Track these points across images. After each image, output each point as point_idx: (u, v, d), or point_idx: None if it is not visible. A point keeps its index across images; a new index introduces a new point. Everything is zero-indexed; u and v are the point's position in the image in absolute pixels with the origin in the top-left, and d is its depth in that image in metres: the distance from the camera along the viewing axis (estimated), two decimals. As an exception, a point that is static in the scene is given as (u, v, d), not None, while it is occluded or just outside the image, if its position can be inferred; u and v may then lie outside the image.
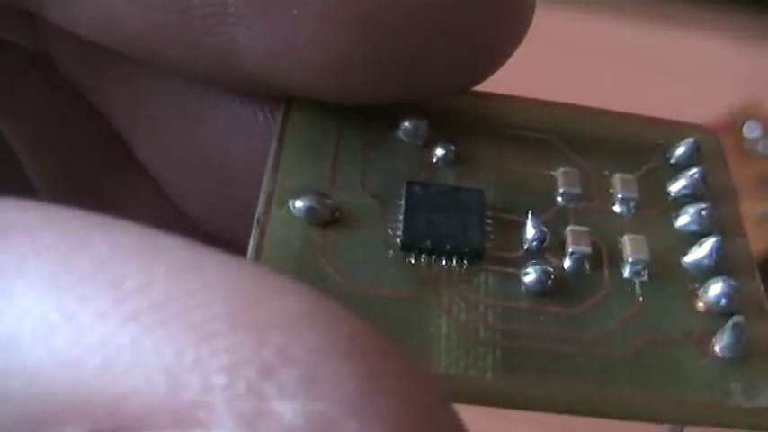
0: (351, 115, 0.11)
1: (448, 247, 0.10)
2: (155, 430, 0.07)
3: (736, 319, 0.10)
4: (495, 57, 0.11)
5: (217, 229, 0.13)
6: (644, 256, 0.11)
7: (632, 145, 0.12)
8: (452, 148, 0.11)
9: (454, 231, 0.10)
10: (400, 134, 0.12)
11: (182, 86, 0.13)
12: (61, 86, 0.14)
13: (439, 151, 0.11)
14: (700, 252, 0.11)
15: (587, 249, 0.11)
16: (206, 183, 0.13)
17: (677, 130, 0.13)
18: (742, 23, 0.38)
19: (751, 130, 0.34)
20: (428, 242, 0.10)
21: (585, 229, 0.11)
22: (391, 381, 0.07)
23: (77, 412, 0.07)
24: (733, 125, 0.34)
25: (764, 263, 0.32)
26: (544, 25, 0.41)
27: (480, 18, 0.10)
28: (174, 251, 0.08)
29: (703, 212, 0.11)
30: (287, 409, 0.07)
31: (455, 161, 0.11)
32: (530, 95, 0.24)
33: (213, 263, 0.07)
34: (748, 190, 0.33)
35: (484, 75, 0.11)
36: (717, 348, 0.10)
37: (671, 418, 0.10)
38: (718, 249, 0.11)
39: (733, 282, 0.11)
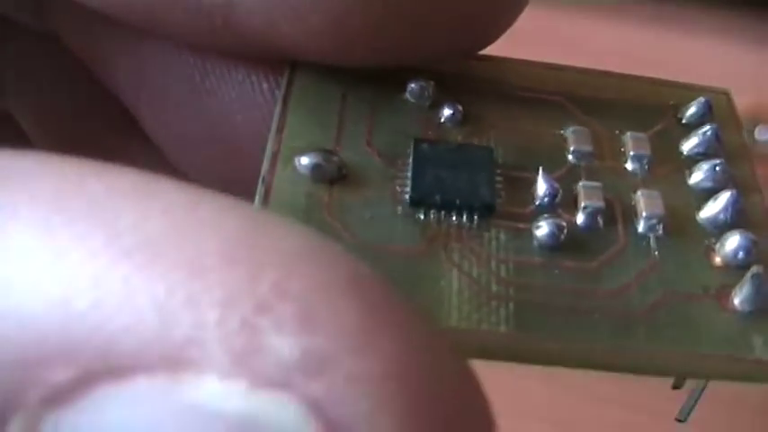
0: (356, 79, 0.11)
1: (457, 201, 0.10)
2: (145, 372, 0.07)
3: (756, 269, 0.10)
4: (498, 19, 0.11)
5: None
6: (659, 210, 0.11)
7: (643, 106, 0.12)
8: (460, 108, 0.11)
9: (463, 187, 0.10)
10: (407, 95, 0.11)
11: (187, 57, 0.13)
12: (68, 64, 0.14)
13: (446, 111, 0.11)
14: (715, 207, 0.11)
15: (601, 204, 0.10)
16: (212, 153, 0.13)
17: (688, 91, 0.13)
18: (749, 27, 0.38)
19: (761, 134, 0.34)
20: (437, 198, 0.10)
21: (598, 184, 0.11)
22: (390, 318, 0.07)
23: (68, 354, 0.07)
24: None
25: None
26: (548, 27, 0.42)
27: None
28: (169, 191, 0.08)
29: (717, 168, 0.11)
30: (283, 344, 0.06)
31: (462, 121, 0.11)
32: None
33: (209, 202, 0.07)
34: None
35: (488, 38, 0.11)
36: (736, 302, 0.10)
37: (691, 372, 0.10)
38: (734, 203, 0.11)
39: (750, 235, 0.11)
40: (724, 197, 0.11)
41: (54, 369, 0.07)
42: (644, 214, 0.11)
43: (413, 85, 0.11)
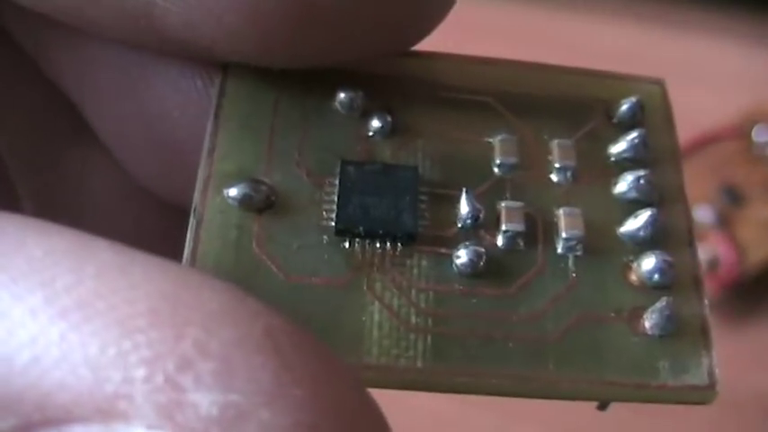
0: (287, 85, 0.11)
1: (381, 231, 0.10)
2: (81, 422, 0.07)
3: (665, 300, 0.10)
4: (421, 20, 0.11)
5: (170, 195, 0.13)
6: (578, 231, 0.11)
7: (574, 102, 0.12)
8: (388, 119, 0.11)
9: (387, 215, 0.10)
10: (337, 105, 0.11)
11: (124, 55, 0.13)
12: (20, 61, 0.14)
13: (375, 123, 0.11)
14: (635, 223, 0.11)
15: (520, 227, 0.10)
16: (154, 150, 0.13)
17: (622, 84, 0.12)
18: (751, 27, 0.38)
19: (760, 135, 0.34)
20: (360, 228, 0.10)
21: (520, 204, 0.11)
22: (305, 372, 0.07)
23: (9, 405, 0.07)
24: (742, 129, 0.34)
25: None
26: (552, 30, 0.41)
27: None
28: (103, 252, 0.08)
29: (641, 180, 0.11)
30: (203, 400, 0.07)
31: (391, 132, 0.11)
32: None
33: (140, 264, 0.08)
34: (757, 194, 0.33)
35: (413, 39, 0.11)
36: (647, 325, 0.10)
37: (596, 397, 0.10)
38: (653, 222, 0.11)
39: (667, 256, 0.10)
40: (644, 215, 0.11)
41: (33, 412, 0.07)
42: (564, 235, 0.10)
43: (342, 96, 0.11)
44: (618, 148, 0.11)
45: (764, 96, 0.35)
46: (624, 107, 0.12)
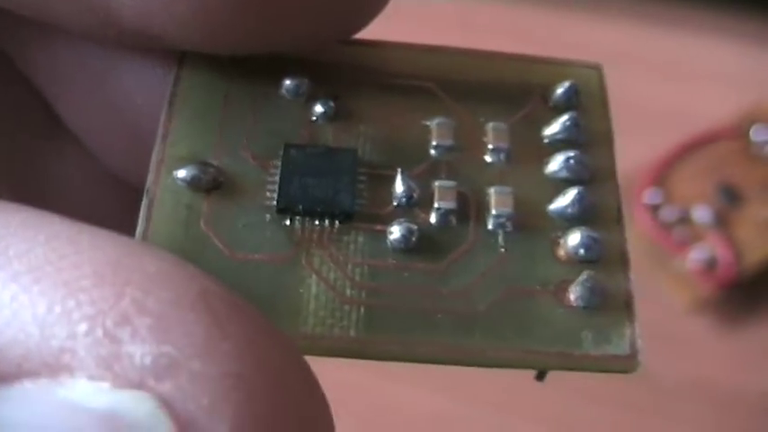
0: (239, 73, 0.12)
1: (319, 209, 0.11)
2: (30, 376, 0.08)
3: (586, 274, 0.11)
4: (363, 5, 0.11)
5: (138, 179, 0.14)
6: (508, 208, 0.11)
7: (513, 87, 0.12)
8: (331, 104, 0.12)
9: (326, 194, 0.11)
10: (283, 92, 0.12)
11: (91, 50, 0.13)
12: None
13: (318, 108, 0.12)
14: (563, 201, 0.11)
15: (452, 205, 0.11)
16: (122, 139, 0.14)
17: (560, 68, 0.13)
18: (749, 27, 0.38)
19: (758, 134, 0.34)
20: (300, 206, 0.11)
21: (453, 183, 0.11)
22: (235, 329, 0.08)
23: None
24: (740, 129, 0.34)
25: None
26: (550, 27, 0.41)
27: None
28: (54, 224, 0.09)
29: (571, 160, 0.11)
30: (138, 351, 0.08)
31: (334, 117, 0.12)
32: None
33: (87, 233, 0.09)
34: (755, 194, 0.33)
35: (356, 24, 0.12)
36: (572, 297, 0.11)
37: (521, 365, 0.11)
38: (580, 200, 0.11)
39: (592, 232, 0.11)
40: (572, 192, 0.11)
41: None
42: (494, 212, 0.11)
43: (288, 82, 0.12)
44: (551, 129, 0.12)
45: (763, 96, 0.35)
46: (559, 91, 0.12)
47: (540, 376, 0.11)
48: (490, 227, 0.11)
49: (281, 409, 0.08)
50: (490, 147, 0.12)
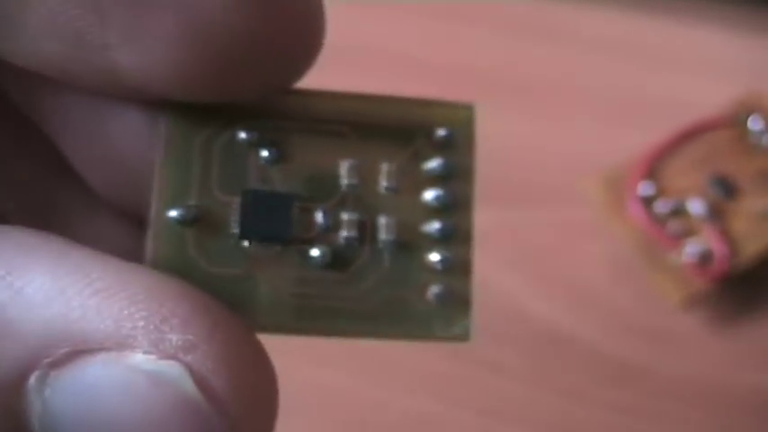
0: (208, 124, 0.15)
1: (267, 236, 0.15)
2: (107, 350, 0.13)
3: (437, 288, 0.15)
4: (294, 62, 0.15)
5: (137, 213, 0.17)
6: (392, 234, 0.15)
7: (404, 128, 0.16)
8: (273, 150, 0.15)
9: (271, 225, 0.15)
10: (239, 140, 0.15)
11: (95, 103, 0.16)
12: (20, 119, 0.17)
13: (264, 154, 0.15)
14: (431, 226, 0.15)
15: (354, 233, 0.15)
16: (126, 180, 0.16)
17: (442, 110, 0.16)
18: (745, 16, 0.37)
19: (755, 124, 0.33)
20: (255, 234, 0.15)
21: (355, 215, 0.15)
22: (223, 326, 0.13)
23: (66, 340, 0.12)
24: (736, 118, 0.34)
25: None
26: (545, 17, 0.41)
27: (274, 28, 0.14)
28: (106, 263, 0.13)
29: (439, 193, 0.15)
30: (173, 338, 0.13)
31: (275, 161, 0.15)
32: (534, 87, 0.33)
33: (129, 268, 0.13)
34: (751, 185, 0.33)
35: (287, 77, 0.15)
36: (431, 297, 0.15)
37: (395, 339, 0.15)
38: (442, 226, 0.15)
39: (449, 250, 0.15)
40: (437, 220, 0.15)
41: (58, 347, 0.12)
42: (382, 237, 0.15)
43: (242, 134, 0.15)
44: (429, 165, 0.16)
45: (758, 86, 0.34)
46: (439, 132, 0.16)
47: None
48: (380, 246, 0.15)
49: (250, 367, 0.13)
50: (384, 183, 0.16)
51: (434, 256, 0.15)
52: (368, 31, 0.38)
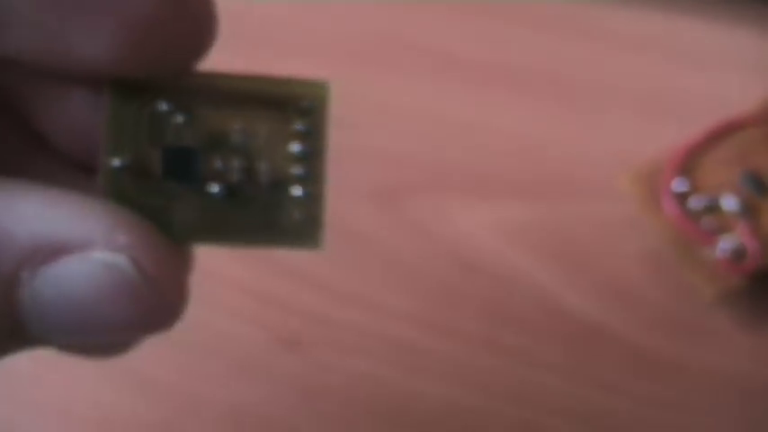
0: (137, 95, 0.19)
1: (184, 178, 0.20)
2: (78, 250, 0.17)
3: (299, 213, 0.20)
4: (196, 46, 0.19)
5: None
6: (268, 176, 0.20)
7: (279, 101, 0.20)
8: (185, 115, 0.20)
9: (186, 170, 0.20)
10: (160, 108, 0.20)
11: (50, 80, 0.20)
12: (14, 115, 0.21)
13: (179, 119, 0.20)
14: (296, 168, 0.20)
15: (242, 176, 0.20)
16: (84, 142, 0.21)
17: (305, 88, 0.20)
18: (764, 14, 0.38)
19: None
20: (175, 176, 0.20)
21: (243, 163, 0.20)
22: (147, 233, 0.18)
23: (52, 245, 0.17)
24: (766, 116, 0.34)
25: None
26: (584, 17, 0.41)
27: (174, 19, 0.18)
28: (82, 198, 0.18)
29: (302, 148, 0.20)
30: (120, 241, 0.17)
31: (186, 124, 0.20)
32: (573, 85, 0.37)
33: (95, 202, 0.18)
34: None
35: (194, 57, 0.19)
36: (296, 218, 0.20)
37: (270, 247, 0.20)
38: (303, 171, 0.20)
39: (307, 188, 0.20)
40: (299, 165, 0.20)
41: (43, 249, 0.17)
42: (262, 178, 0.20)
43: (163, 105, 0.20)
44: (296, 127, 0.20)
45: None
46: (303, 102, 0.20)
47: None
48: (260, 184, 0.20)
49: (169, 257, 0.18)
50: (263, 140, 0.20)
51: (297, 190, 0.20)
52: (412, 29, 0.39)
